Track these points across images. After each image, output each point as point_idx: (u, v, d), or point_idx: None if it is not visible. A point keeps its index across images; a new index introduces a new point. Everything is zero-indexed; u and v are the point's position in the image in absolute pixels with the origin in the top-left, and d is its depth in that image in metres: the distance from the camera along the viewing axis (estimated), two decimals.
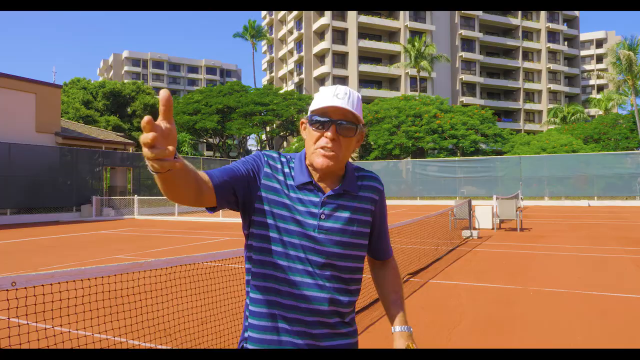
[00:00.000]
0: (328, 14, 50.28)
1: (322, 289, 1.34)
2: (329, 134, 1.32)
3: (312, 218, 1.34)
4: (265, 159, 1.40)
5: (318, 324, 1.35)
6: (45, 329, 3.19)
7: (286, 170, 1.39)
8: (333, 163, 1.34)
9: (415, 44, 42.24)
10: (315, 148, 1.34)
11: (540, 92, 60.29)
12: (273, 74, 69.62)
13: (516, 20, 58.78)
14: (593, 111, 57.60)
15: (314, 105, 1.36)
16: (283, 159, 1.42)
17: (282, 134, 47.31)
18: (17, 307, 2.66)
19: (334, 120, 1.33)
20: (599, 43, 78.54)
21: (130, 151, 26.21)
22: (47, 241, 12.07)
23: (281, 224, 1.34)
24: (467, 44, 55.98)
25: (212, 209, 1.30)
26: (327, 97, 1.34)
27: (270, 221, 1.35)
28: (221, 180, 1.27)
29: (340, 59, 51.09)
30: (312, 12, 52.20)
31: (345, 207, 1.38)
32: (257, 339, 1.36)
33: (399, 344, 1.41)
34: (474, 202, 16.55)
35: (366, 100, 48.16)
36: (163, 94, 0.99)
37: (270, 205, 1.34)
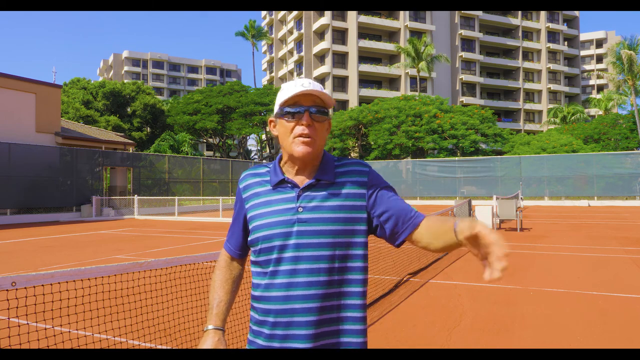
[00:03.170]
0: (328, 14, 50.28)
1: (312, 285, 1.33)
2: (304, 121, 1.35)
3: (291, 213, 1.36)
4: (241, 187, 1.48)
5: (311, 323, 1.32)
6: (45, 329, 3.18)
7: (262, 178, 1.45)
8: (312, 149, 1.36)
9: (414, 44, 42.16)
10: (293, 138, 1.37)
11: (540, 92, 60.30)
12: (273, 74, 69.64)
13: (516, 20, 58.79)
14: (593, 111, 57.63)
15: (281, 99, 1.38)
16: (259, 171, 1.48)
17: None
18: (17, 307, 2.65)
19: (306, 107, 1.36)
20: (599, 43, 78.54)
21: (130, 151, 26.21)
22: (47, 241, 12.07)
23: (265, 220, 1.38)
24: (467, 44, 55.99)
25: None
26: (293, 88, 1.36)
27: (258, 223, 1.39)
28: (238, 249, 1.52)
29: (340, 59, 51.09)
30: (312, 12, 52.20)
31: (323, 196, 1.38)
32: (253, 334, 1.41)
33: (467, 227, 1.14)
34: (474, 202, 16.55)
35: (366, 100, 48.16)
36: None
37: (255, 210, 1.41)
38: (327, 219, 1.36)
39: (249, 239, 1.43)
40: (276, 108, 1.42)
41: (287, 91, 1.38)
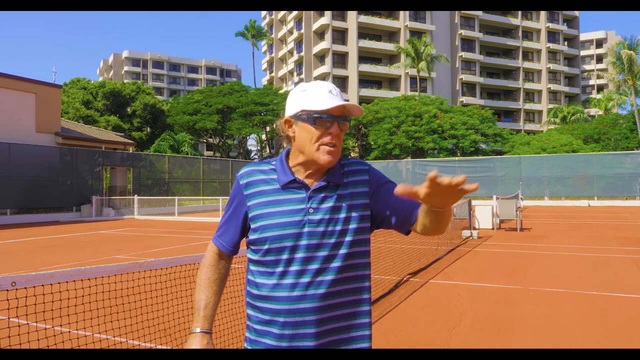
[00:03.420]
0: (328, 14, 50.27)
1: (322, 284, 1.34)
2: (333, 130, 1.37)
3: (301, 214, 1.36)
4: (241, 183, 1.45)
5: (321, 321, 1.34)
6: (45, 329, 3.18)
7: (267, 177, 1.43)
8: (335, 157, 1.38)
9: (414, 44, 42.12)
10: (319, 145, 1.36)
11: (540, 92, 60.30)
12: (273, 74, 69.62)
13: (516, 20, 58.79)
14: (593, 111, 57.62)
15: (310, 105, 1.36)
16: (262, 167, 1.46)
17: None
18: (17, 307, 2.65)
19: (336, 117, 1.37)
20: (599, 43, 78.53)
21: (130, 151, 26.21)
22: (47, 241, 12.07)
23: (275, 220, 1.37)
24: (467, 44, 55.98)
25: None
26: (323, 95, 1.36)
27: (266, 222, 1.38)
28: (231, 245, 1.49)
29: (340, 59, 51.08)
30: (312, 12, 52.20)
31: (332, 197, 1.39)
32: (257, 333, 1.40)
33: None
34: (473, 202, 16.55)
35: (366, 100, 48.16)
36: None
37: (261, 208, 1.40)
38: (337, 219, 1.38)
39: (251, 237, 1.42)
40: (296, 109, 1.39)
41: (316, 97, 1.36)
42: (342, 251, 1.37)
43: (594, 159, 26.53)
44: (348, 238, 1.38)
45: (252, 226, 1.41)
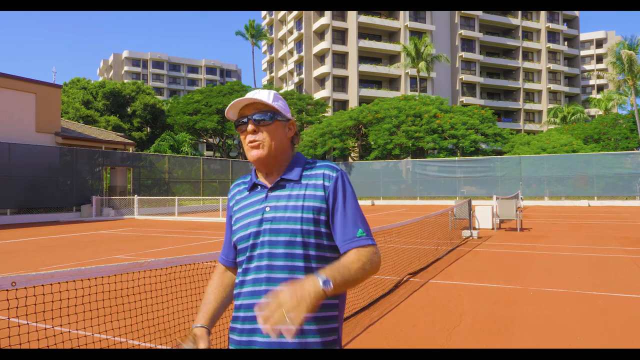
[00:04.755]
0: (328, 14, 50.27)
1: (272, 281, 1.37)
2: (248, 129, 1.47)
3: (260, 213, 1.44)
4: (229, 197, 1.60)
5: None
6: (45, 329, 3.18)
7: (244, 186, 1.56)
8: (261, 151, 1.46)
9: (415, 43, 42.13)
10: (247, 146, 1.48)
11: (540, 92, 60.31)
12: (273, 74, 69.63)
13: (516, 20, 58.80)
14: (593, 111, 57.65)
15: (230, 117, 1.54)
16: (245, 180, 1.59)
17: None
18: (17, 307, 2.65)
19: (249, 116, 1.47)
20: (599, 43, 78.55)
21: (130, 151, 26.20)
22: (47, 241, 12.07)
23: (242, 222, 1.47)
24: (467, 44, 56.00)
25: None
26: (237, 103, 1.50)
27: (237, 226, 1.49)
28: (229, 257, 1.58)
29: (340, 59, 51.08)
30: (312, 12, 52.19)
31: (288, 196, 1.44)
32: (229, 331, 1.48)
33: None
34: (474, 202, 16.55)
35: (366, 100, 48.16)
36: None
37: (236, 214, 1.52)
38: (289, 218, 1.40)
39: (235, 241, 1.52)
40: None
41: (230, 108, 1.50)
42: (298, 251, 1.37)
43: (594, 159, 26.53)
44: (303, 239, 1.38)
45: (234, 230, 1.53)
